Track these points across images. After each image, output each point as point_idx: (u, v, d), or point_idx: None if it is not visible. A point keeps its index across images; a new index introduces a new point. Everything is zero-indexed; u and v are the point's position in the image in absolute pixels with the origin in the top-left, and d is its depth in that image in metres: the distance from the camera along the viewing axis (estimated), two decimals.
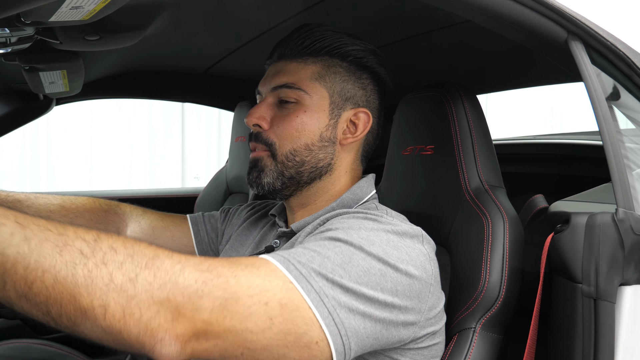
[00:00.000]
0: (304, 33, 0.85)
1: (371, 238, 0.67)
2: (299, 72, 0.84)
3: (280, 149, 0.83)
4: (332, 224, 0.72)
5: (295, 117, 0.83)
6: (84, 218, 1.01)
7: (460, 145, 0.94)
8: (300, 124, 0.83)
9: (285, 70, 0.85)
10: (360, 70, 0.88)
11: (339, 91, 0.85)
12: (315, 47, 0.85)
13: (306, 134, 0.83)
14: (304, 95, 0.83)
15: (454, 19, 1.11)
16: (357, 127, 0.87)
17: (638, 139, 1.00)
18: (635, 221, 0.81)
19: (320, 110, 0.84)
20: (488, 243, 0.84)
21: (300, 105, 0.83)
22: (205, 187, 1.98)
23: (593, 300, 0.78)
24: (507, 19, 0.84)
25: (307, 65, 0.85)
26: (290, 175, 0.84)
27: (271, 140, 0.84)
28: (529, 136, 1.98)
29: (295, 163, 0.83)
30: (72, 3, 0.69)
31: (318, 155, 0.84)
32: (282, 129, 0.83)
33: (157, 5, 0.94)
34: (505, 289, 0.81)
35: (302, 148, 0.83)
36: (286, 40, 0.87)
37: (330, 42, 0.85)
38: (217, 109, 3.92)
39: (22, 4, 0.54)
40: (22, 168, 4.07)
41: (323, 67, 0.85)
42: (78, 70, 1.21)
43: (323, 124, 0.84)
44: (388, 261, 0.66)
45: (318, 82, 0.84)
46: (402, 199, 1.04)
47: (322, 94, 0.84)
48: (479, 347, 0.80)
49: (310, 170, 0.84)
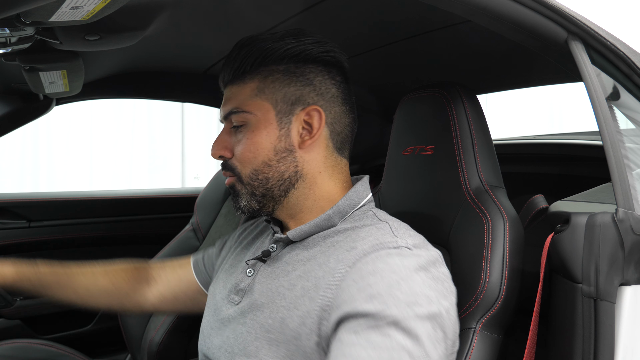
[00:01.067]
0: (234, 54, 0.85)
1: (410, 298, 0.68)
2: (239, 93, 0.84)
3: (242, 171, 0.84)
4: (359, 291, 0.70)
5: (246, 139, 0.83)
6: (122, 276, 1.10)
7: (461, 145, 0.94)
8: (252, 145, 0.83)
9: (229, 96, 0.86)
10: (302, 67, 0.84)
11: (282, 98, 0.83)
12: (248, 63, 0.84)
13: (260, 152, 0.83)
14: (248, 115, 0.83)
15: (454, 19, 1.11)
16: (313, 126, 0.84)
17: (638, 139, 1.00)
18: (635, 221, 0.81)
19: (268, 125, 0.83)
20: (488, 243, 0.84)
21: (248, 127, 0.84)
22: (205, 187, 1.98)
23: (593, 300, 0.78)
24: (507, 19, 0.84)
25: (245, 84, 0.84)
26: (261, 194, 0.85)
27: (234, 165, 0.85)
28: (529, 136, 1.98)
29: (260, 182, 0.84)
30: (72, 3, 0.69)
31: (280, 168, 0.83)
32: (239, 154, 0.84)
33: (157, 5, 0.94)
34: (505, 289, 0.81)
35: (262, 166, 0.83)
36: (224, 67, 0.87)
37: (258, 52, 0.83)
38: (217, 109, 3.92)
39: (22, 4, 0.54)
40: (22, 168, 4.07)
41: (260, 80, 0.84)
42: (78, 70, 1.21)
43: (274, 137, 0.83)
44: (435, 313, 0.68)
45: (258, 97, 0.83)
46: (402, 199, 1.04)
47: (266, 107, 0.83)
48: (479, 347, 0.80)
49: (279, 184, 0.84)
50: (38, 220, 2.05)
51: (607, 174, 0.84)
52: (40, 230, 2.04)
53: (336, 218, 0.84)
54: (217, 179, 1.95)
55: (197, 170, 4.59)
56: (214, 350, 0.85)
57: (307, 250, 0.82)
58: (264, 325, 0.76)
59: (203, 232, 1.86)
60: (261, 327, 0.77)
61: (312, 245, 0.82)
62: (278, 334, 0.74)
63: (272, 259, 0.86)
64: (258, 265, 0.87)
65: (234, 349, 0.79)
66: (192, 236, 1.87)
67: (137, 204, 2.27)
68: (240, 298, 0.85)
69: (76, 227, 2.11)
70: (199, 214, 1.90)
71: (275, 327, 0.75)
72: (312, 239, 0.83)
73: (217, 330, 0.86)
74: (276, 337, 0.74)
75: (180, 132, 4.55)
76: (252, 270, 0.87)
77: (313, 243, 0.83)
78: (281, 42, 0.84)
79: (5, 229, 1.99)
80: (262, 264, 0.87)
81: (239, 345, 0.78)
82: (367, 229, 0.80)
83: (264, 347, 0.75)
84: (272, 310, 0.77)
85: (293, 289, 0.77)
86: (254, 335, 0.77)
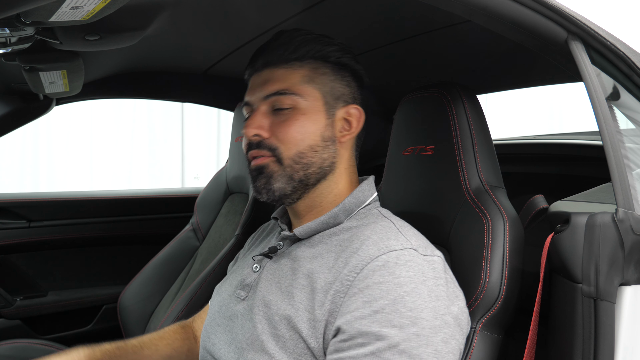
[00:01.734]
0: (286, 39, 0.87)
1: (414, 314, 0.68)
2: (289, 77, 0.85)
3: (285, 152, 0.83)
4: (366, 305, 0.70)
5: (295, 121, 0.83)
6: (177, 338, 1.07)
7: (461, 145, 0.94)
8: (301, 127, 0.83)
9: (275, 78, 0.85)
10: (343, 70, 0.89)
11: (329, 91, 0.86)
12: (300, 52, 0.86)
13: (308, 135, 0.83)
14: (299, 99, 0.84)
15: (454, 19, 1.11)
16: (351, 124, 0.88)
17: (638, 139, 1.00)
18: (635, 221, 0.81)
19: (317, 112, 0.85)
20: (488, 243, 0.84)
21: (297, 110, 0.84)
22: (205, 187, 1.98)
23: (593, 300, 0.78)
24: (507, 19, 0.84)
25: (294, 69, 0.85)
26: (299, 178, 0.84)
27: (274, 145, 0.83)
28: (529, 136, 1.98)
29: (303, 165, 0.84)
30: (72, 3, 0.69)
31: (323, 155, 0.85)
32: (283, 134, 0.83)
33: (157, 5, 0.94)
34: (505, 289, 0.81)
35: (308, 150, 0.83)
36: (268, 49, 0.87)
37: (312, 45, 0.86)
38: (217, 109, 3.92)
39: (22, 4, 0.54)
40: (22, 168, 4.07)
41: (310, 70, 0.86)
42: (78, 70, 1.21)
43: (322, 124, 0.85)
44: (441, 326, 0.69)
45: (309, 84, 0.85)
46: (402, 199, 1.04)
47: (315, 95, 0.85)
48: (479, 347, 0.80)
49: (318, 171, 0.85)
50: (38, 220, 2.05)
51: (607, 174, 0.84)
52: (40, 230, 2.04)
53: (342, 216, 0.85)
54: (217, 179, 1.95)
55: (197, 170, 4.59)
56: (220, 346, 0.85)
57: (313, 247, 0.83)
58: (271, 322, 0.77)
59: (203, 232, 1.86)
60: (269, 323, 0.78)
61: (317, 242, 0.84)
62: (285, 330, 0.75)
63: (279, 255, 0.87)
64: (264, 262, 0.88)
65: (242, 344, 0.80)
66: (192, 236, 1.87)
67: (137, 204, 2.27)
68: (246, 293, 0.86)
69: (76, 227, 2.11)
70: (199, 214, 1.90)
71: (282, 324, 0.76)
72: (317, 237, 0.84)
73: (224, 327, 0.87)
74: (283, 333, 0.75)
75: (180, 132, 4.55)
76: (258, 266, 0.88)
77: (319, 240, 0.84)
78: (331, 43, 0.88)
79: (5, 229, 1.99)
80: (268, 260, 0.88)
81: (247, 340, 0.79)
82: (372, 227, 0.80)
83: (270, 342, 0.76)
84: (280, 308, 0.78)
85: (303, 289, 0.77)
86: (260, 329, 0.78)
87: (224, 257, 1.51)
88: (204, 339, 0.92)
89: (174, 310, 1.46)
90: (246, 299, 0.85)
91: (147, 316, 1.67)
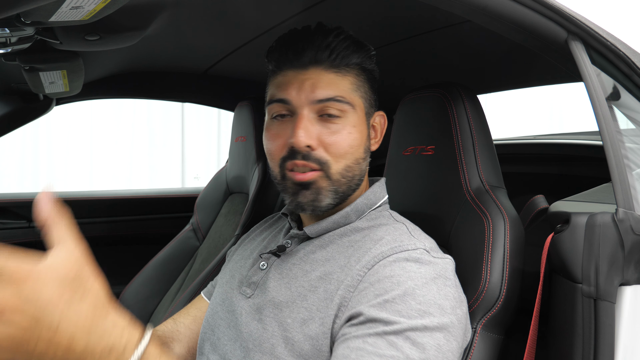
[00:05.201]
0: (335, 41, 0.80)
1: (423, 307, 0.68)
2: (339, 83, 0.80)
3: (334, 167, 0.79)
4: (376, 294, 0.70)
5: (347, 133, 0.79)
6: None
7: (461, 146, 0.94)
8: (353, 140, 0.79)
9: (325, 82, 0.79)
10: (374, 77, 0.88)
11: (368, 99, 0.85)
12: (350, 59, 0.81)
13: (356, 149, 0.80)
14: (350, 108, 0.80)
15: (454, 19, 1.11)
16: (377, 131, 0.87)
17: (638, 139, 1.00)
18: (635, 221, 0.81)
19: (362, 123, 0.82)
20: (489, 243, 0.84)
21: (348, 120, 0.79)
22: (205, 187, 1.98)
23: (593, 300, 0.78)
24: (507, 19, 0.84)
25: (343, 75, 0.80)
26: (343, 192, 0.81)
27: (325, 158, 0.78)
28: (529, 136, 1.98)
29: (349, 179, 0.81)
30: (72, 3, 0.69)
31: (362, 167, 0.83)
32: (335, 148, 0.78)
33: (157, 5, 0.94)
34: (505, 290, 0.81)
35: (354, 163, 0.81)
36: (314, 46, 0.80)
37: (360, 53, 0.83)
38: (217, 109, 3.92)
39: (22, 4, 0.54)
40: (22, 168, 4.07)
41: (355, 77, 0.82)
42: (78, 70, 1.21)
43: (365, 135, 0.83)
44: (447, 324, 0.69)
45: (356, 93, 0.82)
46: (402, 199, 1.04)
47: (361, 105, 0.83)
48: (480, 347, 0.80)
49: (357, 182, 0.83)
50: None
51: (607, 174, 0.84)
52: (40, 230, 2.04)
53: (353, 216, 0.84)
54: (217, 179, 1.95)
55: (197, 170, 4.59)
56: (225, 342, 0.84)
57: (324, 248, 0.82)
58: (282, 324, 0.76)
59: (203, 232, 1.86)
60: (279, 325, 0.76)
61: (328, 243, 0.82)
62: (296, 333, 0.74)
63: (287, 254, 0.86)
64: (272, 260, 0.87)
65: (248, 344, 0.79)
66: (192, 236, 1.87)
67: (137, 204, 2.27)
68: (252, 291, 0.85)
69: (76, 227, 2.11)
70: (199, 214, 1.90)
71: (294, 327, 0.75)
72: (328, 236, 0.83)
73: (228, 321, 0.86)
74: (293, 336, 0.74)
75: (180, 132, 4.55)
76: (266, 264, 0.86)
77: (329, 240, 0.82)
78: (370, 55, 0.86)
79: (5, 229, 1.99)
80: (276, 258, 0.86)
81: (254, 341, 0.78)
82: (384, 228, 0.80)
83: (280, 345, 0.75)
84: (293, 311, 0.76)
85: (315, 291, 0.76)
86: (270, 332, 0.77)
87: (224, 257, 1.51)
88: (205, 331, 0.90)
89: (174, 310, 1.46)
90: (252, 297, 0.84)
91: (147, 316, 1.67)
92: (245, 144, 1.74)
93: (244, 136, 1.75)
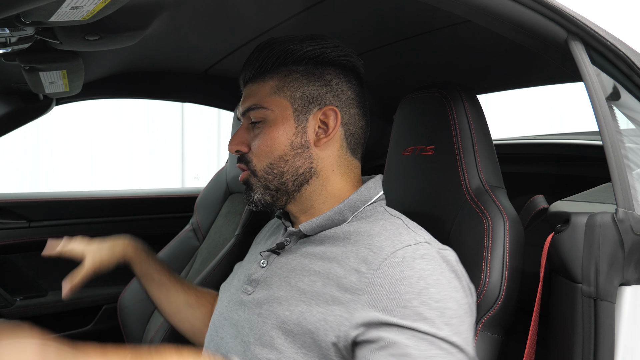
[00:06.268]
0: (256, 54, 0.89)
1: (440, 304, 0.70)
2: (259, 91, 0.88)
3: (257, 165, 0.87)
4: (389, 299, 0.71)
5: (264, 134, 0.86)
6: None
7: (461, 146, 0.94)
8: (269, 139, 0.86)
9: (249, 93, 0.89)
10: (320, 69, 0.87)
11: (300, 97, 0.86)
12: (268, 62, 0.87)
13: (277, 146, 0.85)
14: (266, 111, 0.86)
15: (454, 19, 1.11)
16: (329, 126, 0.87)
17: (638, 139, 1.00)
18: (635, 221, 0.81)
19: (285, 121, 0.86)
20: (488, 243, 0.84)
21: (266, 122, 0.86)
22: (205, 187, 1.98)
23: (593, 300, 0.78)
24: (507, 19, 0.84)
25: (265, 82, 0.87)
26: (275, 187, 0.87)
27: (249, 159, 0.88)
28: (529, 136, 1.98)
29: (275, 175, 0.86)
30: (72, 3, 0.69)
31: (295, 163, 0.86)
32: (256, 148, 0.87)
33: (157, 5, 0.94)
34: (505, 290, 0.81)
35: (277, 160, 0.86)
36: (245, 66, 0.91)
37: (278, 53, 0.87)
38: (217, 109, 3.92)
39: (22, 4, 0.54)
40: (22, 168, 4.07)
41: (280, 79, 0.87)
42: (78, 70, 1.21)
43: (290, 133, 0.86)
44: (464, 313, 0.72)
45: (277, 95, 0.87)
46: (402, 199, 1.04)
47: (284, 104, 0.86)
48: (479, 347, 0.80)
49: (293, 179, 0.86)
50: (38, 220, 2.05)
51: (607, 174, 0.84)
52: (40, 230, 2.04)
53: (347, 212, 0.85)
54: (217, 179, 1.95)
55: (197, 170, 4.59)
56: (227, 340, 0.86)
57: (322, 244, 0.83)
58: (280, 317, 0.78)
59: (203, 232, 1.86)
60: (277, 318, 0.78)
61: (325, 239, 0.84)
62: (294, 325, 0.75)
63: (286, 251, 0.88)
64: (272, 258, 0.89)
65: (249, 338, 0.80)
66: (192, 236, 1.87)
67: (137, 204, 2.27)
68: (253, 288, 0.87)
69: (76, 227, 2.11)
70: (199, 214, 1.90)
71: (292, 319, 0.76)
72: (324, 234, 0.85)
73: (230, 320, 0.88)
74: (292, 328, 0.76)
75: (180, 132, 4.55)
76: (266, 262, 0.89)
77: (326, 237, 0.84)
78: (301, 44, 0.87)
79: (5, 229, 1.99)
80: (275, 256, 0.89)
81: (254, 335, 0.80)
82: (380, 223, 0.81)
83: (279, 337, 0.76)
84: (291, 304, 0.78)
85: (313, 285, 0.78)
86: (269, 325, 0.78)
87: (224, 257, 1.51)
88: (211, 333, 0.92)
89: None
90: (253, 293, 0.86)
91: (147, 316, 1.67)
92: None
93: None
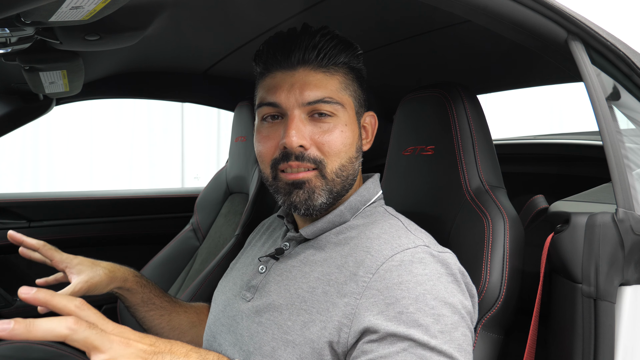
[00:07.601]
0: (322, 42, 0.80)
1: (436, 311, 0.69)
2: (327, 83, 0.80)
3: (329, 166, 0.79)
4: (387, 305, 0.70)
5: (340, 132, 0.79)
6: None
7: (461, 146, 0.94)
8: (345, 139, 0.80)
9: (314, 83, 0.79)
10: (362, 76, 0.88)
11: (357, 98, 0.84)
12: (338, 58, 0.82)
13: (349, 147, 0.81)
14: (340, 107, 0.80)
15: (454, 19, 1.11)
16: (367, 131, 0.87)
17: (638, 139, 1.00)
18: (635, 221, 0.81)
19: (353, 121, 0.82)
20: (488, 243, 0.84)
21: (339, 119, 0.80)
22: (205, 187, 1.98)
23: (593, 300, 0.78)
24: (507, 19, 0.84)
25: (332, 75, 0.81)
26: (337, 191, 0.81)
27: (318, 158, 0.79)
28: (529, 136, 1.98)
29: (343, 178, 0.81)
30: (72, 3, 0.69)
31: (355, 166, 0.83)
32: (329, 146, 0.79)
33: (157, 5, 0.94)
34: (505, 290, 0.81)
35: (348, 162, 0.81)
36: (301, 47, 0.80)
37: (347, 52, 0.83)
38: (217, 109, 3.92)
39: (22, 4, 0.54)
40: (22, 168, 4.07)
41: (343, 76, 0.82)
42: (78, 70, 1.21)
43: (356, 134, 0.83)
44: (460, 320, 0.70)
45: (345, 92, 0.82)
46: (402, 199, 1.04)
47: (350, 104, 0.83)
48: (480, 347, 0.80)
49: (351, 182, 0.83)
50: (38, 220, 2.05)
51: (607, 174, 0.84)
52: (40, 230, 2.04)
53: (348, 214, 0.84)
54: (217, 179, 1.95)
55: (197, 170, 4.59)
56: (226, 347, 0.84)
57: (322, 249, 0.82)
58: (282, 327, 0.76)
59: (203, 232, 1.86)
60: (279, 328, 0.76)
61: (325, 243, 0.82)
62: (297, 336, 0.74)
63: (285, 257, 0.86)
64: (270, 263, 0.87)
65: (249, 347, 0.79)
66: (192, 236, 1.87)
67: (137, 204, 2.27)
68: (252, 295, 0.85)
69: (76, 227, 2.11)
70: (199, 214, 1.90)
71: (294, 329, 0.75)
72: (324, 237, 0.83)
73: (228, 327, 0.86)
74: (294, 339, 0.74)
75: (180, 132, 4.55)
76: (265, 267, 0.87)
77: (326, 241, 0.82)
78: (358, 54, 0.85)
79: (5, 229, 1.99)
80: (274, 261, 0.87)
81: (255, 344, 0.78)
82: (379, 225, 0.80)
83: (280, 348, 0.75)
84: (292, 313, 0.76)
85: (314, 292, 0.76)
86: (270, 335, 0.76)
87: (224, 257, 1.51)
88: (208, 338, 0.91)
89: None
90: (252, 300, 0.84)
91: None
92: (245, 144, 1.74)
93: (244, 136, 1.75)
